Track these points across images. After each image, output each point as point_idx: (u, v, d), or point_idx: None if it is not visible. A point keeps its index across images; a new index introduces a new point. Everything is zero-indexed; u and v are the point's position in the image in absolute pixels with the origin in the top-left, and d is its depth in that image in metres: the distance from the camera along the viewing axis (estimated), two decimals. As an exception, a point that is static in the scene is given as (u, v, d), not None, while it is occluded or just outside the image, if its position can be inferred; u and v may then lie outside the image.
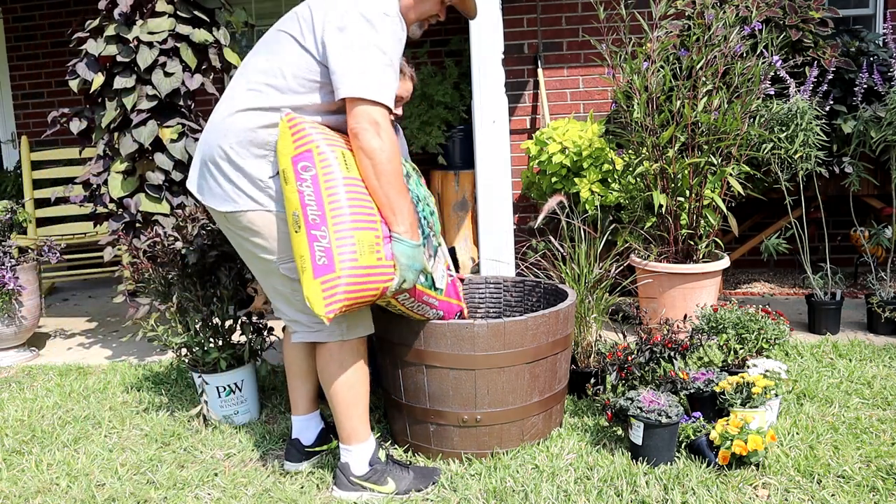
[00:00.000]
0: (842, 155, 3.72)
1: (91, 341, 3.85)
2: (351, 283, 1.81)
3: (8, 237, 3.60)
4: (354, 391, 2.07)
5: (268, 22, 5.62)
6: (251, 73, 1.99)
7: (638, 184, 3.48)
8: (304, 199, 1.84)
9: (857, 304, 3.85)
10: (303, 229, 1.84)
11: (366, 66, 1.86)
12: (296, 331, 2.09)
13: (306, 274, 1.82)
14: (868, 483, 2.01)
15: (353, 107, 1.87)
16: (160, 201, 3.30)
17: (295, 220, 1.86)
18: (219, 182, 2.00)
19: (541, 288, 2.66)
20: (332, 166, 1.86)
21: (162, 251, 2.64)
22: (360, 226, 1.85)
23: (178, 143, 3.27)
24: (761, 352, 2.63)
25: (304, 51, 1.94)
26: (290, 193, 1.86)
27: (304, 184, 1.85)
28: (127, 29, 3.20)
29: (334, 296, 1.79)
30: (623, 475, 2.09)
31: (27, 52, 5.81)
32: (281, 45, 1.98)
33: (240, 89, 2.00)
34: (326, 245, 1.81)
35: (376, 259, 1.85)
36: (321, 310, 1.80)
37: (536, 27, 4.66)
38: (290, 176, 1.86)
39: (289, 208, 1.87)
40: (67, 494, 2.17)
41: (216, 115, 2.02)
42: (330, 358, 2.05)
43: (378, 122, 1.86)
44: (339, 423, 2.09)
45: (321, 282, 1.80)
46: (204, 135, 2.05)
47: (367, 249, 1.84)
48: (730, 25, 3.13)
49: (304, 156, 1.86)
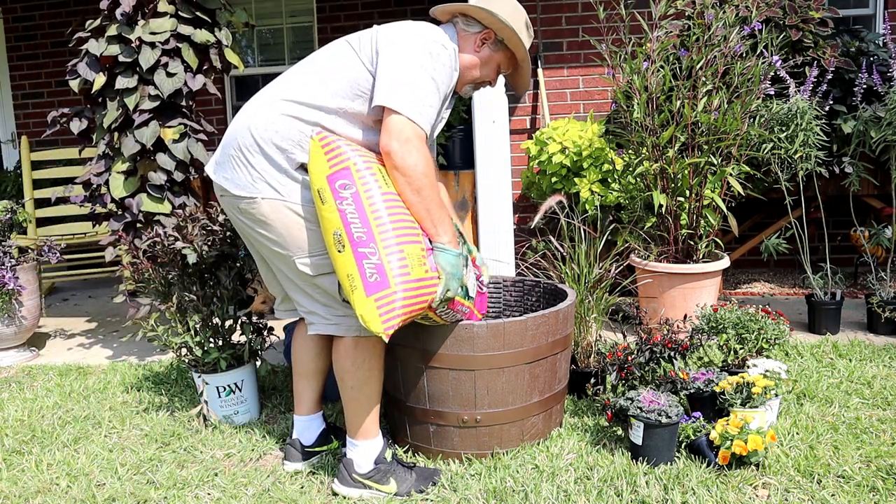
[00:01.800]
0: (842, 155, 3.72)
1: (91, 341, 3.85)
2: (406, 298, 1.81)
3: (8, 237, 3.60)
4: (368, 387, 2.07)
5: (268, 22, 5.62)
6: (300, 69, 2.03)
7: (638, 184, 3.48)
8: (347, 217, 1.83)
9: (857, 304, 3.85)
10: (347, 248, 1.82)
11: (411, 82, 1.90)
12: (312, 322, 2.07)
13: (357, 293, 1.81)
14: (868, 483, 2.01)
15: (388, 118, 1.88)
16: (162, 201, 3.30)
17: (337, 239, 1.84)
18: (240, 165, 1.99)
19: (540, 288, 2.66)
20: (372, 182, 1.86)
21: (162, 251, 2.64)
22: (406, 239, 1.85)
23: (181, 144, 3.27)
24: (761, 352, 2.63)
25: (357, 58, 1.98)
26: (328, 213, 1.85)
27: (345, 202, 1.84)
28: (129, 29, 3.20)
29: (392, 311, 1.79)
30: (623, 475, 2.09)
31: (27, 52, 5.81)
32: (337, 49, 2.03)
33: (284, 81, 2.02)
34: (377, 262, 1.80)
35: (424, 271, 1.86)
36: (378, 327, 1.79)
37: (536, 27, 4.66)
38: (328, 195, 1.85)
39: (328, 228, 1.86)
40: (67, 494, 2.17)
41: (254, 100, 2.04)
42: (346, 352, 2.04)
43: (410, 140, 1.87)
44: (349, 418, 2.08)
45: (375, 299, 1.79)
46: (235, 119, 2.06)
47: (416, 262, 1.84)
48: (730, 25, 3.13)
49: (342, 174, 1.85)
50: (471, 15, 2.10)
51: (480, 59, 2.13)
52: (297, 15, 5.61)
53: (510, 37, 2.11)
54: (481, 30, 2.11)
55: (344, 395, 2.08)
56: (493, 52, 2.14)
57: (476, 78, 2.15)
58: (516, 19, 2.11)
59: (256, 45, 5.70)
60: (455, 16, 2.15)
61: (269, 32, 5.68)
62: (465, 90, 2.19)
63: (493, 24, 2.09)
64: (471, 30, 2.11)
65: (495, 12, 2.05)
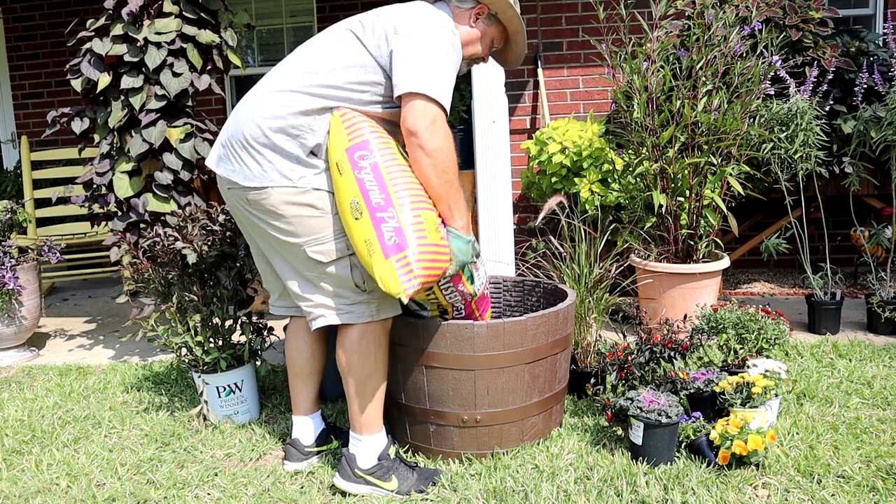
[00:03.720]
0: (842, 155, 3.72)
1: (91, 341, 3.85)
2: (424, 259, 1.83)
3: (8, 237, 3.60)
4: (374, 381, 2.06)
5: (268, 22, 5.62)
6: (300, 59, 2.01)
7: (638, 184, 3.48)
8: (365, 184, 1.86)
9: (857, 304, 3.85)
10: (365, 214, 1.84)
11: (431, 65, 1.90)
12: (321, 315, 2.04)
13: (376, 256, 1.82)
14: (868, 483, 2.01)
15: (412, 102, 1.88)
16: (168, 201, 3.30)
17: (355, 207, 1.86)
18: (248, 157, 1.97)
19: (540, 288, 2.66)
20: (389, 154, 1.90)
21: (162, 251, 2.64)
22: (423, 206, 1.89)
23: (187, 143, 3.27)
24: (761, 352, 2.63)
25: (362, 46, 1.97)
26: (346, 183, 1.87)
27: (364, 171, 1.86)
28: (135, 29, 3.20)
29: (411, 272, 1.81)
30: (623, 475, 2.09)
31: (27, 52, 5.81)
32: (339, 37, 2.01)
33: (284, 72, 2.01)
34: (395, 224, 1.83)
35: (440, 238, 1.90)
36: (398, 287, 1.80)
37: (536, 27, 4.66)
38: (346, 166, 1.88)
39: (345, 198, 1.87)
40: (67, 494, 2.17)
41: (253, 93, 2.03)
42: (352, 344, 2.03)
43: (437, 120, 1.88)
44: (353, 412, 2.07)
45: (395, 260, 1.81)
46: (236, 111, 2.05)
47: (432, 228, 1.88)
48: (730, 25, 3.13)
49: (361, 145, 1.88)
50: None
51: (476, 35, 2.14)
52: (297, 15, 5.61)
53: (504, 10, 2.12)
54: (474, 5, 2.12)
55: (349, 389, 2.07)
56: (487, 26, 2.15)
57: (472, 54, 2.16)
58: None
59: (256, 45, 5.70)
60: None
61: (269, 32, 5.68)
62: (461, 67, 2.17)
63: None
64: (464, 6, 2.12)
65: None
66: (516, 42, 2.24)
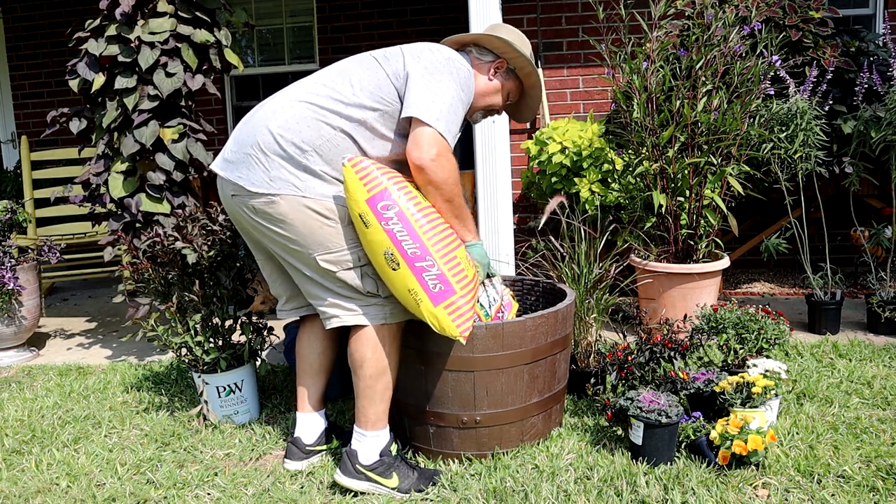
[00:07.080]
0: (842, 155, 3.72)
1: (91, 341, 3.85)
2: (468, 297, 1.95)
3: (8, 237, 3.60)
4: (385, 377, 2.08)
5: (268, 22, 5.62)
6: (322, 76, 2.07)
7: (638, 184, 3.48)
8: (396, 235, 1.89)
9: (857, 304, 3.85)
10: (403, 265, 1.89)
11: (441, 97, 1.97)
12: (335, 316, 2.06)
13: (424, 304, 1.90)
14: (868, 483, 2.01)
15: (418, 129, 1.94)
16: (161, 201, 3.30)
17: (389, 258, 1.90)
18: (258, 164, 1.99)
19: (539, 287, 2.66)
20: (410, 200, 1.94)
21: (162, 251, 2.64)
22: (454, 245, 1.98)
23: (180, 144, 3.27)
24: (761, 352, 2.63)
25: (382, 70, 2.03)
26: (375, 235, 1.90)
27: (391, 221, 1.89)
28: (128, 29, 3.20)
29: (463, 315, 1.93)
30: (623, 475, 2.09)
31: (27, 52, 5.81)
32: (361, 62, 2.08)
33: (305, 85, 2.05)
34: (437, 272, 1.90)
35: (471, 265, 2.03)
36: (454, 332, 1.93)
37: (536, 27, 4.66)
38: (371, 218, 1.90)
39: (377, 249, 1.91)
40: (67, 494, 2.17)
41: (274, 99, 2.06)
42: (367, 341, 2.05)
43: (441, 154, 1.94)
44: (361, 408, 2.08)
45: (444, 306, 1.91)
46: (251, 117, 2.07)
47: (467, 264, 2.00)
48: (729, 25, 3.13)
49: (382, 195, 1.90)
50: (484, 45, 2.19)
51: (495, 87, 2.21)
52: (297, 15, 5.61)
53: (523, 66, 2.21)
54: (494, 59, 2.20)
55: (359, 384, 2.08)
56: (505, 80, 2.23)
57: (489, 105, 2.24)
58: (526, 48, 2.21)
59: (256, 45, 5.70)
60: (468, 45, 2.22)
61: (269, 32, 5.68)
62: (475, 117, 2.28)
63: (506, 53, 2.18)
64: (484, 59, 2.20)
65: (510, 41, 2.14)
66: (531, 96, 2.32)
